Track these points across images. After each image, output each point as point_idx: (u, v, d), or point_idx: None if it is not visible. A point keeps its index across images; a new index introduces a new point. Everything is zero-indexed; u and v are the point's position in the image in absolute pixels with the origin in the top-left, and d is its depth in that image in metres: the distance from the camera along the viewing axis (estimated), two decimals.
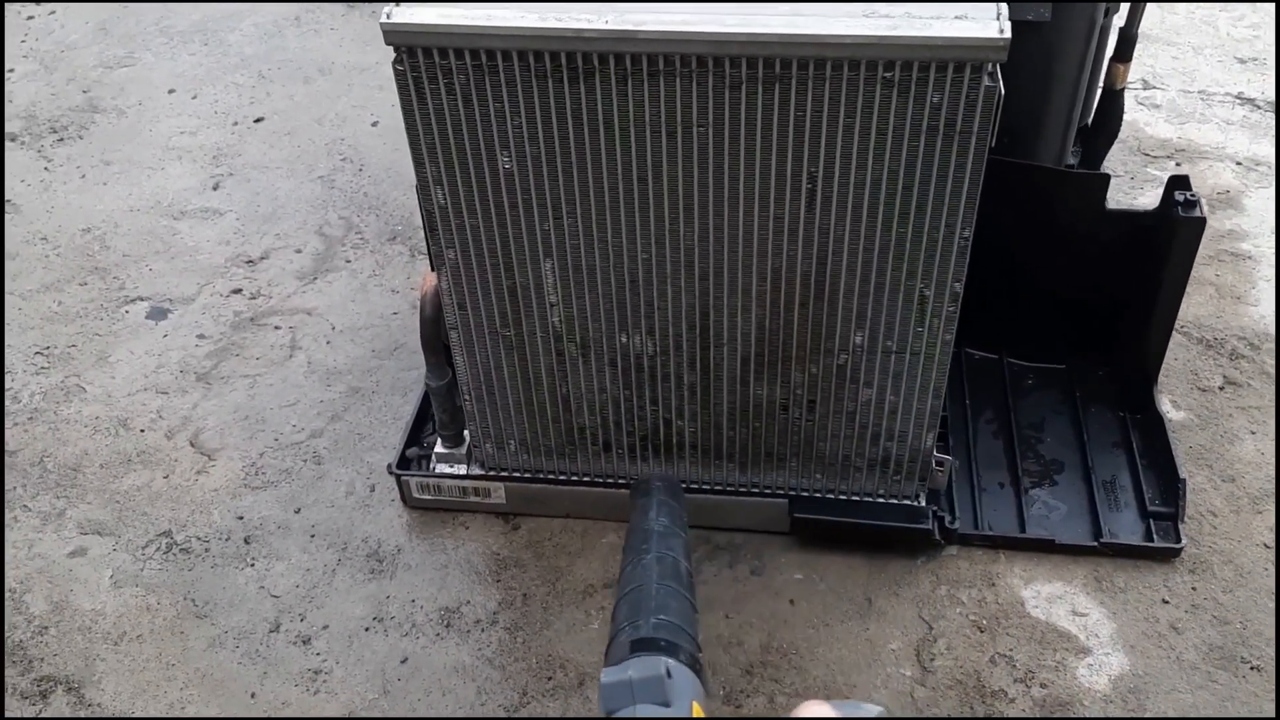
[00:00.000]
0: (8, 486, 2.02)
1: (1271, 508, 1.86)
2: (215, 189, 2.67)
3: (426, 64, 1.36)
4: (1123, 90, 1.91)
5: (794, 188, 1.42)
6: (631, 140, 1.40)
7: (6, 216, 2.62)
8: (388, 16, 1.33)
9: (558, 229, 1.52)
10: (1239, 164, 2.57)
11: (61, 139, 2.86)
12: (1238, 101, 2.75)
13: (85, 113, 2.95)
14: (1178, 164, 2.56)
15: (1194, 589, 1.76)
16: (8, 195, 2.68)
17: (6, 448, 2.09)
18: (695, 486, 1.83)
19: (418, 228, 2.52)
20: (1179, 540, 1.79)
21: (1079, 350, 2.04)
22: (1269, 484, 1.90)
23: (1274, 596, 1.74)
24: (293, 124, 2.87)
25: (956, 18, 1.25)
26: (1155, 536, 1.80)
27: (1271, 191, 2.49)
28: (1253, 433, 1.98)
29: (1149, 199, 2.45)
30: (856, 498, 1.80)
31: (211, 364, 2.23)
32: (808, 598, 1.78)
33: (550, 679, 1.69)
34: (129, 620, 1.80)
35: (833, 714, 0.59)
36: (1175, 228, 1.75)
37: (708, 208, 1.46)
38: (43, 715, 1.68)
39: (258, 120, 2.89)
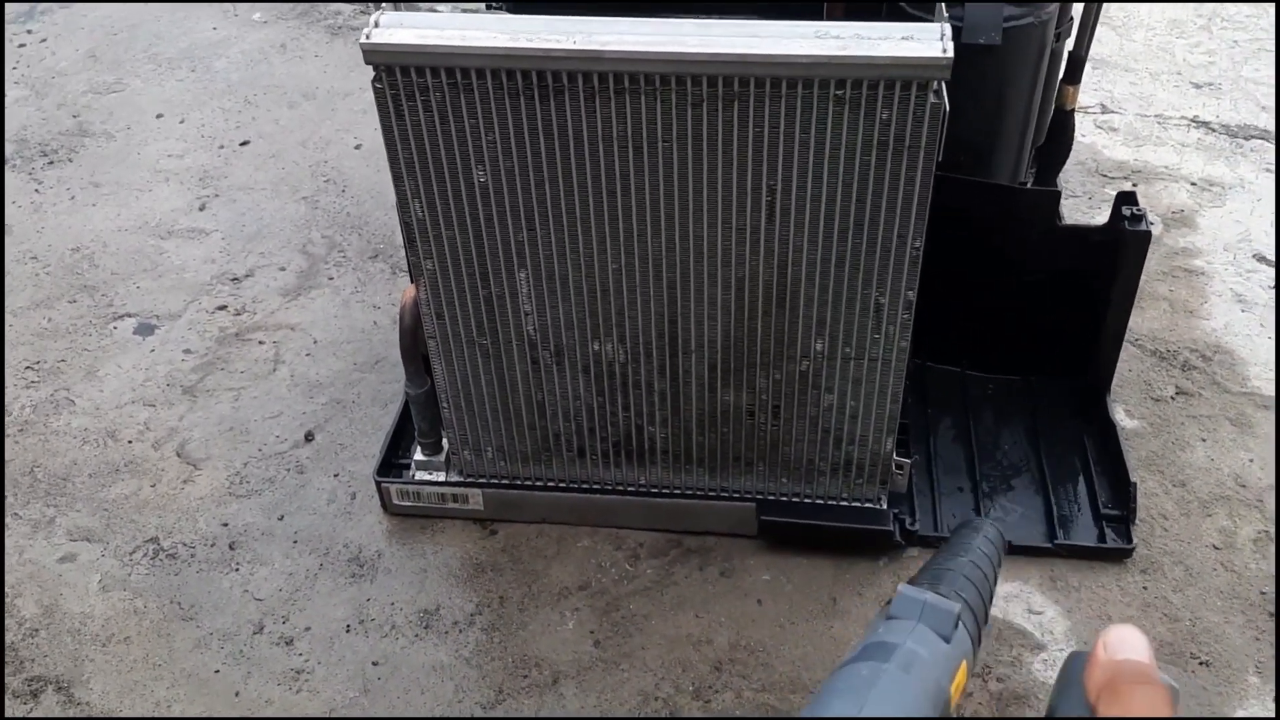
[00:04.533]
0: None
1: (1220, 511, 1.93)
2: (202, 210, 2.74)
3: (404, 82, 1.43)
4: (1073, 111, 2.00)
5: (754, 200, 1.49)
6: (600, 155, 1.47)
7: None
8: (367, 38, 1.40)
9: (531, 240, 1.59)
10: (1193, 184, 2.66)
11: (52, 162, 2.93)
12: (1193, 125, 2.85)
13: (75, 137, 3.01)
14: (1134, 185, 2.65)
15: (1145, 588, 1.83)
16: None
17: None
18: (667, 491, 1.90)
19: (399, 246, 2.58)
20: (1130, 542, 1.86)
21: (1036, 362, 2.12)
22: (1218, 488, 1.97)
23: (1223, 596, 1.81)
24: (278, 147, 2.94)
25: (903, 38, 1.34)
26: (1108, 538, 1.87)
27: (1223, 211, 2.58)
28: (1203, 440, 2.06)
29: (1105, 217, 2.54)
30: (821, 501, 1.87)
31: (197, 378, 2.29)
32: (775, 598, 1.84)
33: (526, 677, 1.75)
34: (117, 623, 1.85)
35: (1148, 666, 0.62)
36: (1124, 241, 1.83)
37: (674, 219, 1.53)
38: (34, 714, 1.73)
39: (243, 144, 2.96)
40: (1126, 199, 1.84)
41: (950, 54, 1.31)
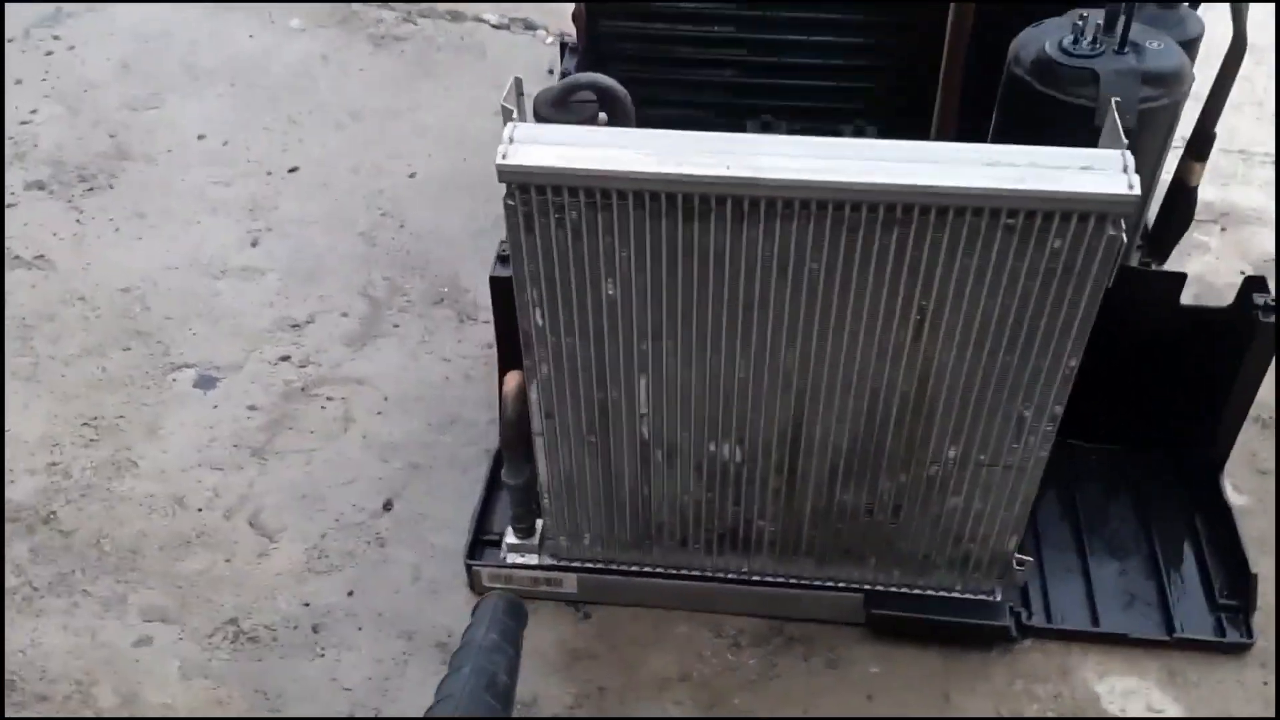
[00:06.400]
0: (66, 569, 1.99)
1: None
2: (254, 245, 2.64)
3: (539, 200, 1.35)
4: (1196, 187, 1.91)
5: (902, 318, 1.41)
6: (741, 274, 1.39)
7: (41, 272, 2.58)
8: (503, 157, 1.31)
9: (655, 349, 1.51)
10: None
11: (91, 188, 2.81)
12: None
13: (114, 159, 2.90)
14: (1223, 229, 2.57)
15: (1266, 683, 1.78)
16: (40, 249, 2.64)
17: (61, 527, 2.06)
18: (770, 580, 1.83)
19: (464, 290, 2.51)
20: (1251, 635, 1.81)
21: (1139, 433, 2.05)
22: None
23: None
24: (328, 174, 2.84)
25: (1083, 169, 1.25)
26: (1227, 631, 1.82)
27: None
28: None
29: (1197, 266, 2.46)
30: (933, 592, 1.81)
31: (265, 438, 2.21)
32: (885, 692, 1.79)
33: None
34: (201, 715, 1.79)
35: None
36: (1253, 330, 1.76)
37: (811, 335, 1.45)
38: None
39: (292, 170, 2.85)
40: (1255, 284, 1.77)
41: (1138, 190, 1.23)
